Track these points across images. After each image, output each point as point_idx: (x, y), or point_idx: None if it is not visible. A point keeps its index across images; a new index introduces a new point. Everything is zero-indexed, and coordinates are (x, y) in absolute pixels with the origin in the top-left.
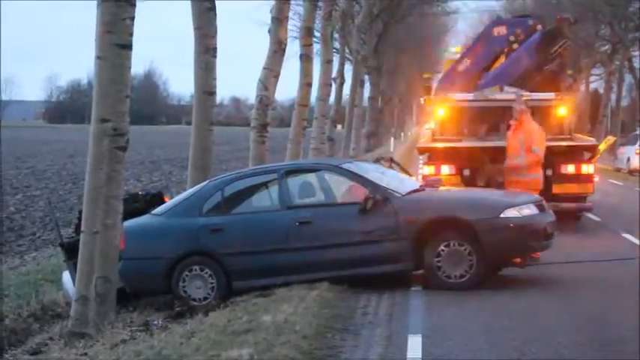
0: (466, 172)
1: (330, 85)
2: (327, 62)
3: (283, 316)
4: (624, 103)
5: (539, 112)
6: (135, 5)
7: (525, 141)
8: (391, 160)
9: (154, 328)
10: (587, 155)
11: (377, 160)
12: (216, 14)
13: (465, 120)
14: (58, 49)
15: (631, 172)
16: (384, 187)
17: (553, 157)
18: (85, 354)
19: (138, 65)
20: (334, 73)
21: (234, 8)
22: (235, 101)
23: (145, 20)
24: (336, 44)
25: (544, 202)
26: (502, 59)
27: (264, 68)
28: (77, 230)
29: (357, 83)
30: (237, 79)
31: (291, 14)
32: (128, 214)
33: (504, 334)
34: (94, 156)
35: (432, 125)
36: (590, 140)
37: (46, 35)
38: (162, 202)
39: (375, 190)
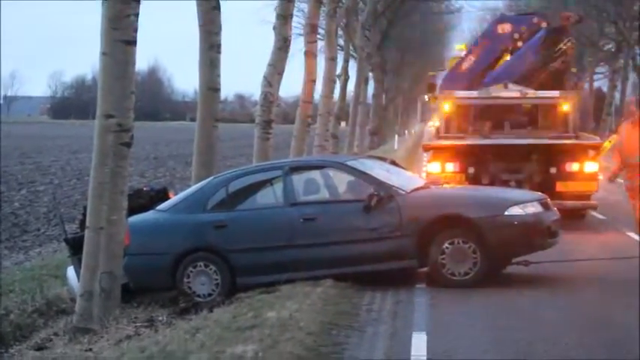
0: (471, 170)
1: (335, 82)
2: (331, 59)
3: (288, 312)
4: None
5: (543, 110)
6: (139, 2)
7: None
8: (393, 162)
9: (159, 324)
10: (591, 153)
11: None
12: (220, 11)
13: (470, 118)
14: (62, 45)
15: None
16: (388, 184)
17: (557, 155)
18: (90, 349)
19: (142, 61)
20: (338, 70)
21: (239, 5)
22: (240, 98)
23: (149, 17)
24: (341, 41)
25: (548, 200)
26: (506, 57)
27: (268, 65)
28: (82, 226)
29: (362, 80)
30: (241, 76)
31: (295, 11)
32: (133, 210)
33: (510, 332)
34: (98, 152)
35: (436, 123)
36: (595, 138)
37: (51, 31)
38: (167, 198)
39: (379, 188)
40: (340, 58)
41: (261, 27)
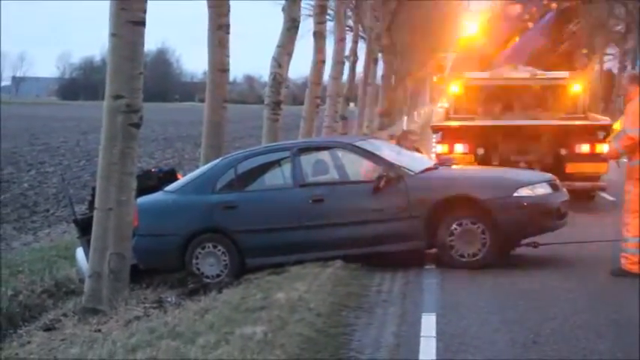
0: (480, 151)
1: (344, 63)
2: (340, 40)
3: (297, 293)
4: None
5: (553, 91)
6: None
7: (623, 121)
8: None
9: (168, 305)
10: (601, 134)
11: (398, 142)
12: None
13: (480, 99)
14: (71, 27)
15: None
16: (397, 165)
17: (567, 137)
18: (99, 330)
19: (151, 43)
20: (347, 51)
21: None
22: (249, 79)
23: None
24: (350, 22)
25: (558, 182)
26: (516, 38)
27: (277, 46)
28: (91, 207)
29: (371, 61)
30: (250, 57)
31: None
32: (141, 191)
33: (518, 313)
34: (107, 133)
35: (445, 104)
36: (605, 119)
37: (60, 12)
38: (175, 179)
39: (388, 169)
40: (349, 39)
41: (271, 8)
